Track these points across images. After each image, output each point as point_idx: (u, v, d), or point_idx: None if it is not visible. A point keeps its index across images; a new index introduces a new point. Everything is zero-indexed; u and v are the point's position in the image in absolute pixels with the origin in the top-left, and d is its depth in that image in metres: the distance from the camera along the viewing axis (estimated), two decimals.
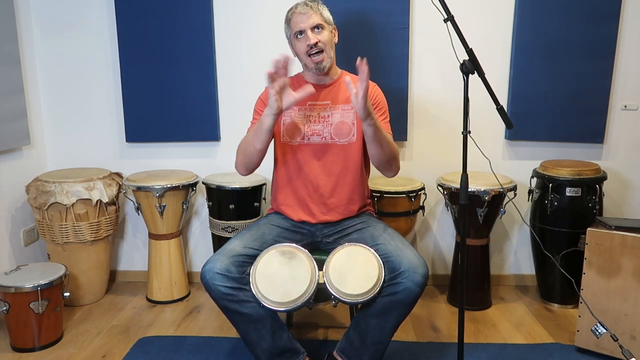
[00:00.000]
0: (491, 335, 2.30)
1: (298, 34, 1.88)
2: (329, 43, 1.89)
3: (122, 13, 2.60)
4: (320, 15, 1.88)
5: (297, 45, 1.90)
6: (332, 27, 1.95)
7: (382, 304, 1.69)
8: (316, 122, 1.94)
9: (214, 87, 2.67)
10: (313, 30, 1.86)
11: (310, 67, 1.90)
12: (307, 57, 1.88)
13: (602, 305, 2.01)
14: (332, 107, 1.95)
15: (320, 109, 1.95)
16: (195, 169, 2.75)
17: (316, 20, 1.86)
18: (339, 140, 1.93)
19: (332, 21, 1.96)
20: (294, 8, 1.90)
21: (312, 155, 1.94)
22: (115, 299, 2.70)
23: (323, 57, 1.87)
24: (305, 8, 1.87)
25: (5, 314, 2.12)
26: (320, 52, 1.86)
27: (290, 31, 1.92)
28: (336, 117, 1.94)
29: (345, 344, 1.82)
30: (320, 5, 1.91)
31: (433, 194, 2.72)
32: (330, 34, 1.91)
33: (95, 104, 2.77)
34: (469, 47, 1.63)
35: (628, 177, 2.74)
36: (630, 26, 2.56)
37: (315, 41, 1.85)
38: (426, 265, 1.70)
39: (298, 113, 1.95)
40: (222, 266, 1.68)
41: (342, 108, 1.95)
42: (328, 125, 1.94)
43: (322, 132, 1.94)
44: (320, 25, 1.87)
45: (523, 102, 2.62)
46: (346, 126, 1.93)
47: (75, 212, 2.45)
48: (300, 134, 1.94)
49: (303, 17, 1.85)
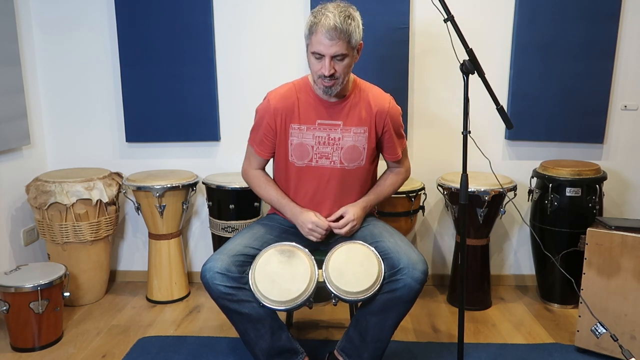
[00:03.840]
0: (491, 335, 2.30)
1: (316, 55, 1.68)
2: (345, 73, 1.71)
3: (122, 13, 2.60)
4: (348, 43, 1.65)
5: (312, 62, 1.72)
6: (357, 49, 1.73)
7: (381, 301, 1.69)
8: (326, 145, 1.83)
9: (214, 87, 2.67)
10: (333, 59, 1.66)
11: (319, 87, 1.76)
12: (318, 78, 1.72)
13: (602, 305, 2.01)
14: (343, 130, 1.82)
15: (330, 129, 1.82)
16: (195, 169, 2.75)
17: (340, 50, 1.65)
18: (347, 165, 1.85)
19: (360, 39, 1.71)
20: (322, 21, 1.63)
21: (318, 179, 1.87)
22: (115, 299, 2.70)
23: (334, 83, 1.71)
24: (333, 34, 1.62)
25: (5, 314, 2.12)
26: (334, 79, 1.70)
27: (309, 42, 1.70)
28: (347, 141, 1.82)
29: (345, 342, 1.82)
30: (352, 25, 1.64)
31: (433, 194, 2.72)
32: (350, 61, 1.71)
33: (95, 104, 2.77)
34: (469, 47, 1.63)
35: (628, 177, 2.74)
36: (630, 26, 2.56)
37: (331, 73, 1.67)
38: (425, 262, 1.70)
39: (306, 133, 1.83)
40: (222, 265, 1.68)
41: (354, 131, 1.82)
42: (338, 149, 1.83)
43: (331, 155, 1.83)
44: (342, 55, 1.66)
45: (523, 102, 2.62)
46: (357, 151, 1.84)
47: (75, 212, 2.45)
48: (308, 156, 1.84)
49: (327, 42, 1.63)
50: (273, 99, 1.85)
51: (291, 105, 1.83)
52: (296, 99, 1.83)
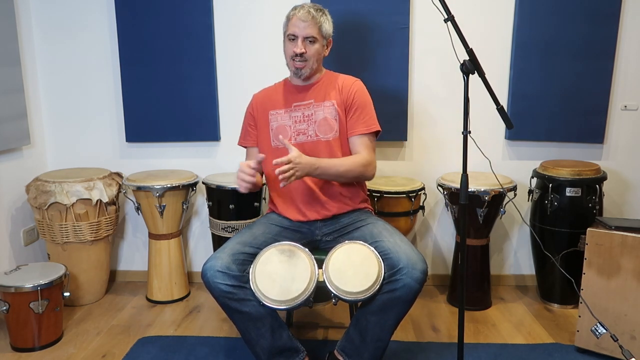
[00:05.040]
0: (491, 335, 2.30)
1: (291, 37, 1.91)
2: (315, 56, 1.92)
3: (122, 13, 2.60)
4: (319, 28, 1.90)
5: (287, 45, 1.94)
6: (327, 42, 1.97)
7: (381, 301, 1.69)
8: (301, 122, 1.98)
9: (214, 87, 2.68)
10: (304, 41, 1.89)
11: (291, 69, 1.97)
12: (291, 60, 1.93)
13: (602, 305, 2.01)
14: (315, 105, 1.98)
15: (304, 108, 1.99)
16: (195, 169, 2.75)
17: (311, 32, 1.88)
18: (323, 136, 1.96)
19: (330, 34, 1.97)
20: (298, 9, 1.91)
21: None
22: (115, 298, 2.70)
23: (304, 65, 1.92)
24: (307, 16, 1.88)
25: (5, 314, 2.12)
26: (304, 61, 1.91)
27: (286, 29, 1.94)
28: (319, 115, 1.97)
29: (345, 342, 1.82)
30: (323, 17, 1.93)
31: (433, 194, 2.72)
32: (320, 48, 1.94)
33: (95, 103, 2.77)
34: (469, 47, 1.63)
35: (628, 177, 2.74)
36: (630, 26, 2.56)
37: (302, 51, 1.88)
38: (425, 262, 1.70)
39: (284, 115, 2.00)
40: (222, 264, 1.68)
41: (324, 105, 1.98)
42: (312, 123, 1.97)
43: (307, 130, 1.97)
44: (313, 38, 1.89)
45: (523, 102, 2.62)
46: (329, 122, 1.96)
47: (75, 212, 2.45)
48: (287, 135, 1.97)
49: (301, 24, 1.88)
50: (255, 94, 2.11)
51: (270, 95, 2.06)
52: (274, 91, 2.07)
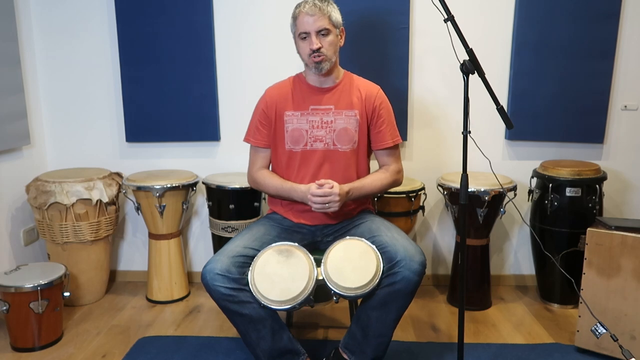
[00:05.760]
0: (491, 335, 2.30)
1: (302, 35, 1.84)
2: (332, 48, 1.84)
3: (122, 13, 2.60)
4: (328, 18, 1.82)
5: (301, 45, 1.87)
6: (340, 30, 1.89)
7: (381, 295, 1.69)
8: (319, 128, 1.91)
9: (214, 87, 2.67)
10: (318, 35, 1.81)
11: (311, 67, 1.87)
12: (309, 57, 1.85)
13: (602, 305, 2.01)
14: (335, 113, 1.91)
15: (322, 113, 1.92)
16: (195, 169, 2.75)
17: (323, 24, 1.80)
18: (341, 147, 1.91)
19: (341, 23, 1.89)
20: (303, 5, 1.83)
21: (314, 162, 1.92)
22: (115, 299, 2.70)
23: (323, 59, 1.83)
24: (314, 9, 1.80)
25: (5, 314, 2.12)
26: (322, 54, 1.82)
27: (295, 29, 1.87)
28: (340, 123, 1.91)
29: (348, 339, 1.82)
30: (330, 6, 1.84)
31: (433, 194, 2.72)
32: (335, 38, 1.86)
33: (95, 104, 2.77)
34: (469, 47, 1.63)
35: (628, 177, 2.74)
36: (630, 26, 2.56)
37: (318, 46, 1.81)
38: (423, 254, 1.71)
39: (301, 118, 1.92)
40: (222, 267, 1.68)
41: (346, 114, 1.91)
42: (331, 132, 1.91)
43: (324, 138, 1.91)
44: (326, 30, 1.82)
45: (523, 102, 2.62)
46: (349, 133, 1.91)
47: (75, 212, 2.45)
48: (303, 140, 1.92)
49: (310, 18, 1.80)
50: (269, 90, 2.00)
51: (285, 94, 1.96)
52: (290, 89, 1.97)
